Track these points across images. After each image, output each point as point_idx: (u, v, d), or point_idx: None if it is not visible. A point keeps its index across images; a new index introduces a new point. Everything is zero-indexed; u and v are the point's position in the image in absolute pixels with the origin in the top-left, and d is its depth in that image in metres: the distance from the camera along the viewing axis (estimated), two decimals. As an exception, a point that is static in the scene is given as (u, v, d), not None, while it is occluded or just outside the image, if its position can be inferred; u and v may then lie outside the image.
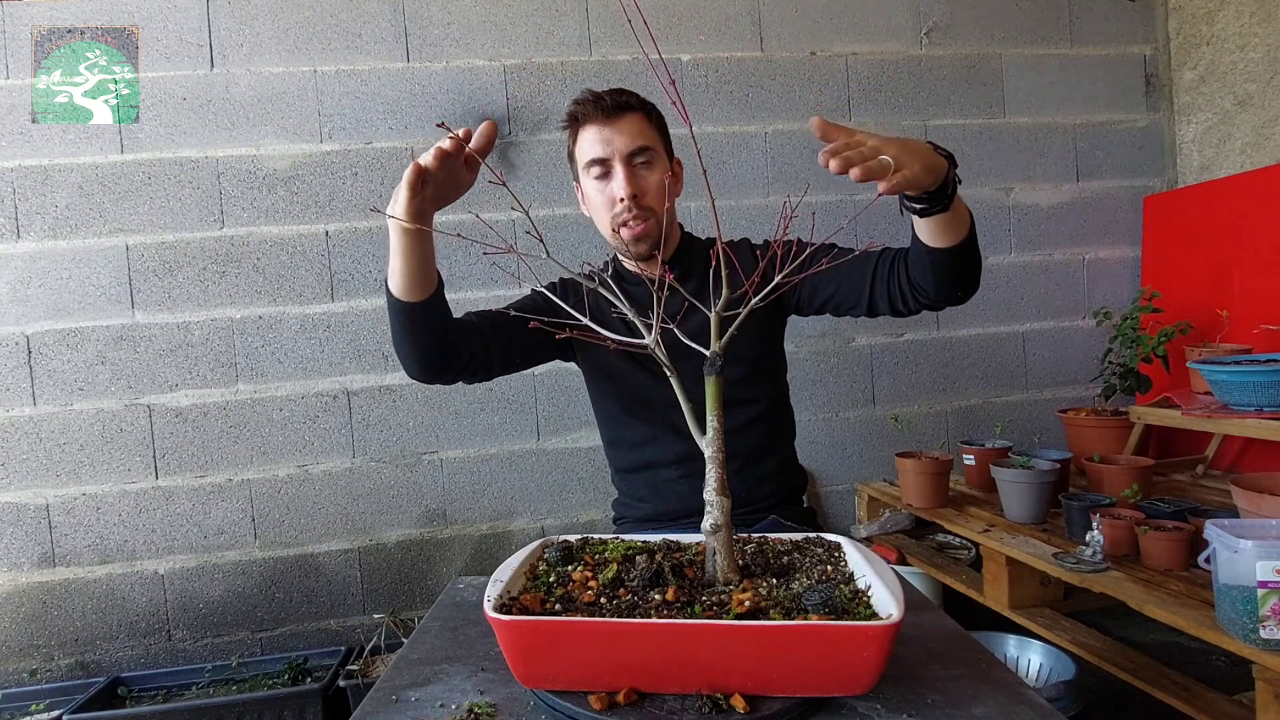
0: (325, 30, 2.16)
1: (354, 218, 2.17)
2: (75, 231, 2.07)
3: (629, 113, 1.17)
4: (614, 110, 1.16)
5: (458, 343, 1.10)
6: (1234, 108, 2.33)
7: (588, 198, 1.23)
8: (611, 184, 1.17)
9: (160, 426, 2.11)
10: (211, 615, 2.13)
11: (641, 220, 1.16)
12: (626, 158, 1.16)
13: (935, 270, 1.02)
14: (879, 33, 2.40)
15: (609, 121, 1.16)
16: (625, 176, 1.15)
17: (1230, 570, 1.19)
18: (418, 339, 1.06)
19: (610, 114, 1.16)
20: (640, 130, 1.17)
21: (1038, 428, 2.44)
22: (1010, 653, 1.80)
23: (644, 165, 1.17)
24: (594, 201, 1.21)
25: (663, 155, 1.20)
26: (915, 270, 1.05)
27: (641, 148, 1.16)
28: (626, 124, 1.16)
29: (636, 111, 1.18)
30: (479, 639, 0.85)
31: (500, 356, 1.17)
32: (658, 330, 0.80)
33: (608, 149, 1.16)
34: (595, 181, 1.19)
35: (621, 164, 1.15)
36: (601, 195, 1.18)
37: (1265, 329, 2.01)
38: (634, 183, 1.15)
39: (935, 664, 0.75)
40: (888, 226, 2.39)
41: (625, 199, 1.15)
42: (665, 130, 1.24)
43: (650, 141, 1.17)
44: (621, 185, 1.15)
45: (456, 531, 2.24)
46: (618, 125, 1.16)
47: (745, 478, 1.22)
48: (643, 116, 1.18)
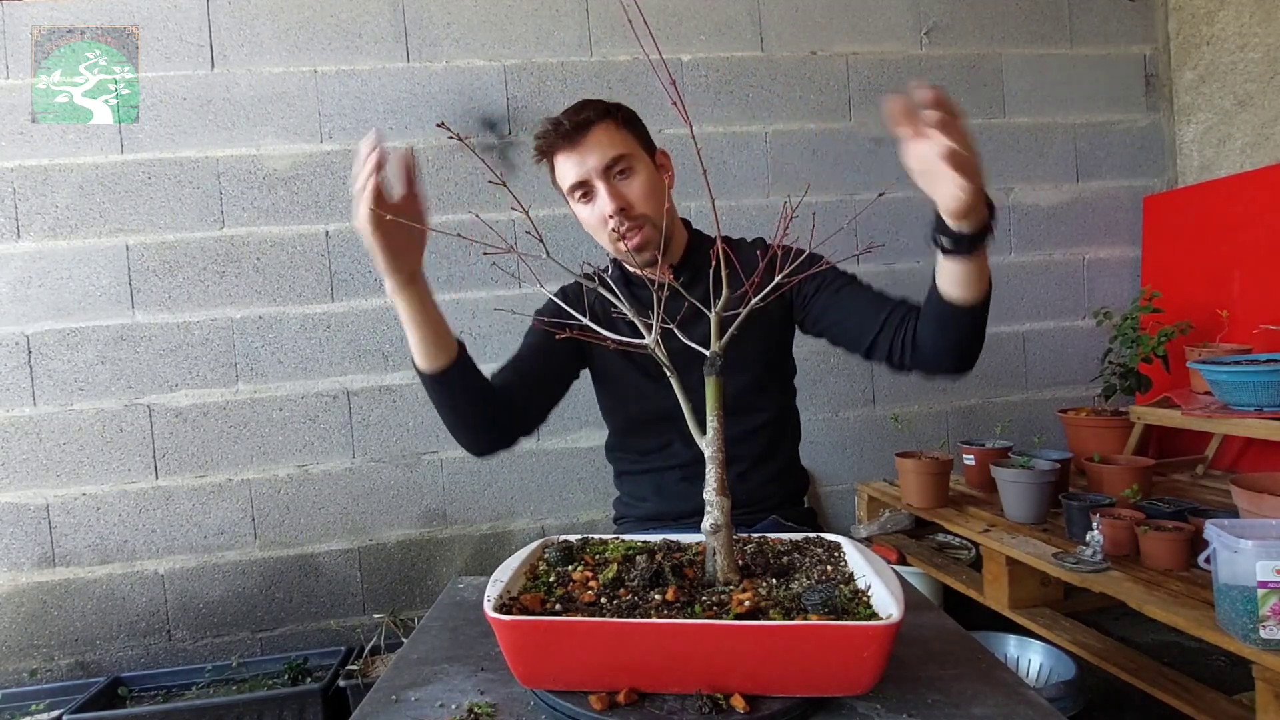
0: (325, 30, 2.16)
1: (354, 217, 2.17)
2: (75, 231, 2.07)
3: (591, 128, 1.12)
4: (575, 130, 1.12)
5: (505, 409, 1.12)
6: (1234, 108, 2.33)
7: (584, 221, 1.20)
8: (597, 203, 1.14)
9: (160, 426, 2.11)
10: (211, 615, 2.13)
11: (637, 230, 1.14)
12: (603, 173, 1.12)
13: (941, 324, 0.99)
14: (879, 33, 2.40)
15: (574, 144, 1.12)
16: (608, 192, 1.12)
17: (1230, 570, 1.19)
18: (460, 414, 1.08)
19: (572, 135, 1.12)
20: (609, 140, 1.13)
21: (1038, 428, 2.43)
22: (1010, 653, 1.80)
23: (623, 174, 1.14)
24: (589, 223, 1.18)
25: (642, 155, 1.17)
26: (924, 323, 1.03)
27: (615, 158, 1.12)
28: (593, 140, 1.12)
29: (599, 123, 1.13)
30: (479, 639, 0.85)
31: (546, 400, 1.19)
32: (657, 330, 0.80)
33: (582, 170, 1.12)
34: (582, 205, 1.16)
35: (601, 180, 1.12)
36: (593, 216, 1.15)
37: (1265, 329, 2.01)
38: (618, 196, 1.12)
39: (935, 664, 0.75)
40: (888, 227, 2.39)
41: (614, 214, 1.12)
42: (639, 126, 1.19)
43: (623, 148, 1.13)
44: (606, 202, 1.12)
45: (456, 531, 2.24)
46: (584, 145, 1.12)
47: (748, 481, 1.22)
48: (609, 125, 1.14)
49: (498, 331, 2.22)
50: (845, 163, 2.39)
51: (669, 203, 1.12)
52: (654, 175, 1.17)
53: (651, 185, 1.16)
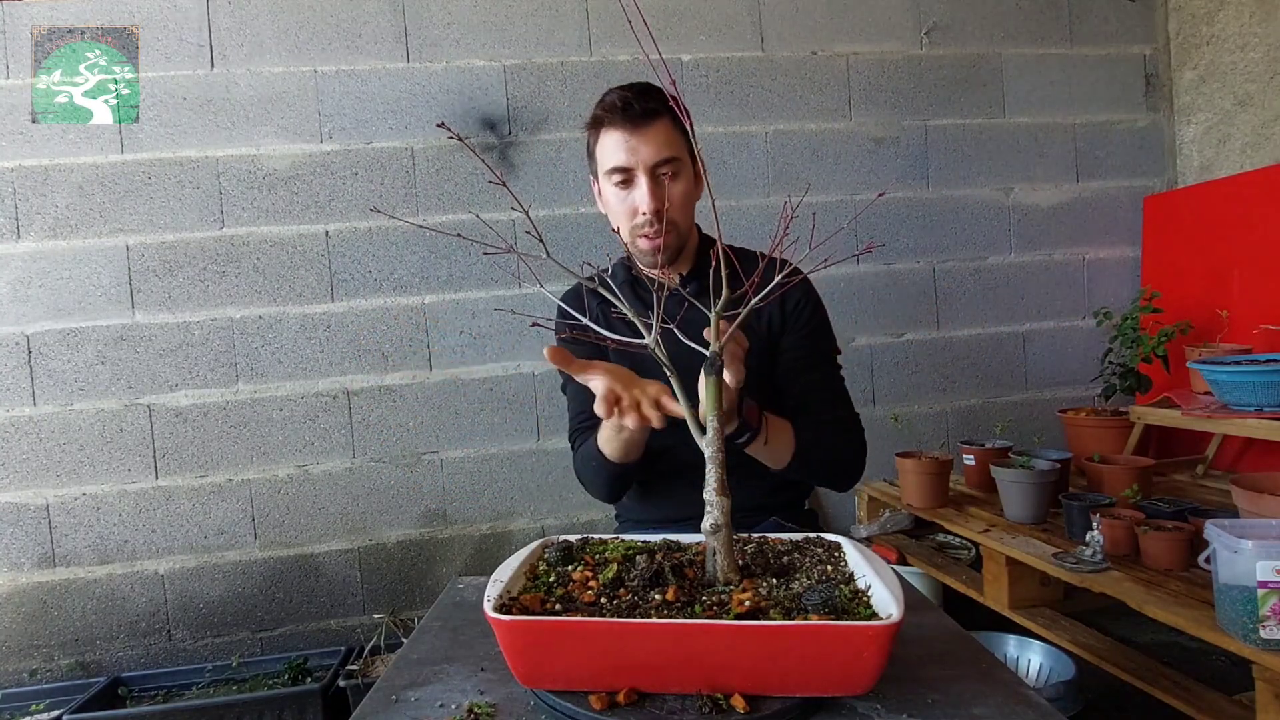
0: (325, 30, 2.16)
1: (354, 218, 2.17)
2: (75, 231, 2.07)
3: (656, 119, 1.11)
4: (642, 118, 1.10)
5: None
6: (1234, 108, 2.33)
7: (607, 202, 1.18)
8: (634, 194, 1.12)
9: (160, 426, 2.11)
10: (211, 615, 2.13)
11: (661, 234, 1.12)
12: (651, 169, 1.10)
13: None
14: (879, 33, 2.40)
15: (635, 129, 1.10)
16: (650, 190, 1.10)
17: (1230, 570, 1.19)
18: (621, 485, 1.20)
19: (638, 122, 1.10)
20: (667, 139, 1.11)
21: (1038, 428, 2.43)
22: (1010, 653, 1.80)
23: (669, 177, 1.12)
24: (614, 207, 1.16)
25: (687, 162, 1.16)
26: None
27: (668, 159, 1.11)
28: (653, 132, 1.10)
29: (664, 116, 1.12)
30: (479, 639, 0.85)
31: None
32: (657, 331, 0.79)
33: (633, 158, 1.10)
34: (616, 188, 1.14)
35: (646, 176, 1.10)
36: (623, 204, 1.13)
37: (1265, 329, 2.01)
38: (659, 197, 1.10)
39: (935, 664, 0.75)
40: (888, 227, 2.39)
41: (649, 213, 1.11)
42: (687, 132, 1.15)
43: (676, 151, 1.13)
44: (645, 199, 1.10)
45: (456, 531, 2.24)
46: (645, 134, 1.10)
47: (750, 489, 1.20)
48: (669, 121, 1.13)
49: (498, 331, 2.22)
50: (845, 163, 2.39)
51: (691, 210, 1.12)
52: (691, 184, 1.17)
53: (688, 194, 1.16)
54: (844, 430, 1.20)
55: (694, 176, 1.18)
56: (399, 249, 2.19)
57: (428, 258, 2.20)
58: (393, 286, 2.19)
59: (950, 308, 2.45)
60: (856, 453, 1.20)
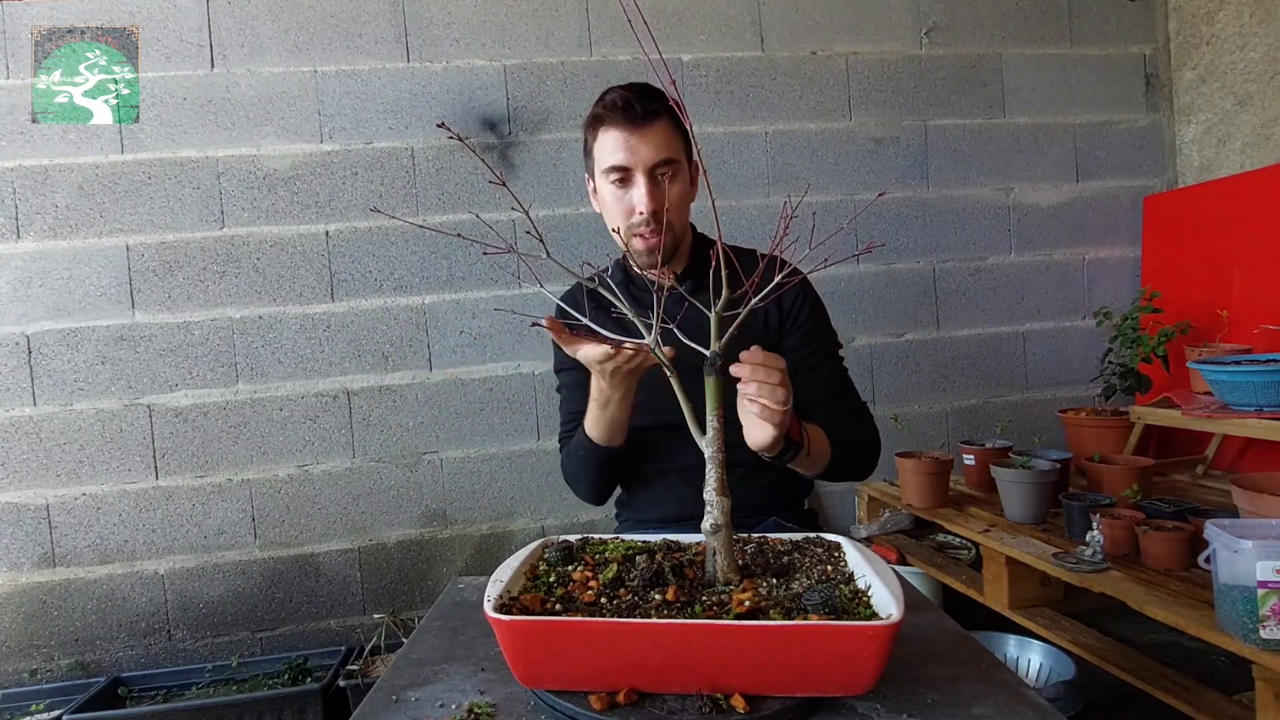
0: (325, 30, 2.16)
1: (354, 218, 2.17)
2: (75, 231, 2.07)
3: (657, 120, 1.11)
4: (643, 118, 1.10)
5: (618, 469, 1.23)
6: (1234, 108, 2.33)
7: (602, 200, 1.18)
8: (631, 193, 1.12)
9: (160, 426, 2.11)
10: (211, 615, 2.13)
11: (658, 234, 1.12)
12: (650, 170, 1.10)
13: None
14: (879, 32, 2.40)
15: (635, 128, 1.10)
16: (648, 191, 1.10)
17: (1230, 570, 1.19)
18: (605, 478, 1.22)
19: (639, 122, 1.10)
20: (666, 141, 1.12)
21: (1038, 428, 2.43)
22: (1010, 653, 1.80)
23: (667, 178, 1.12)
24: (609, 206, 1.16)
25: (684, 163, 1.16)
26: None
27: (666, 160, 1.11)
28: (654, 133, 1.10)
29: (664, 117, 1.12)
30: (479, 639, 0.85)
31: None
32: (657, 330, 0.79)
33: (632, 158, 1.10)
34: (613, 187, 1.13)
35: (644, 176, 1.10)
36: (619, 203, 1.13)
37: (1265, 329, 2.01)
38: (656, 198, 1.10)
39: (935, 664, 0.75)
40: (888, 227, 2.39)
41: (645, 214, 1.11)
42: (686, 132, 1.18)
43: (674, 152, 1.13)
44: (643, 200, 1.10)
45: (456, 531, 2.24)
46: (645, 134, 1.10)
47: (750, 488, 1.21)
48: (669, 122, 1.13)
49: (498, 331, 2.22)
50: (845, 163, 2.39)
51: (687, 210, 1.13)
52: (688, 186, 1.17)
53: (684, 196, 1.16)
54: (861, 420, 1.24)
55: (690, 179, 1.18)
56: (399, 249, 2.19)
57: (428, 258, 2.20)
58: (393, 286, 2.19)
59: (950, 308, 2.45)
60: (875, 438, 1.25)
